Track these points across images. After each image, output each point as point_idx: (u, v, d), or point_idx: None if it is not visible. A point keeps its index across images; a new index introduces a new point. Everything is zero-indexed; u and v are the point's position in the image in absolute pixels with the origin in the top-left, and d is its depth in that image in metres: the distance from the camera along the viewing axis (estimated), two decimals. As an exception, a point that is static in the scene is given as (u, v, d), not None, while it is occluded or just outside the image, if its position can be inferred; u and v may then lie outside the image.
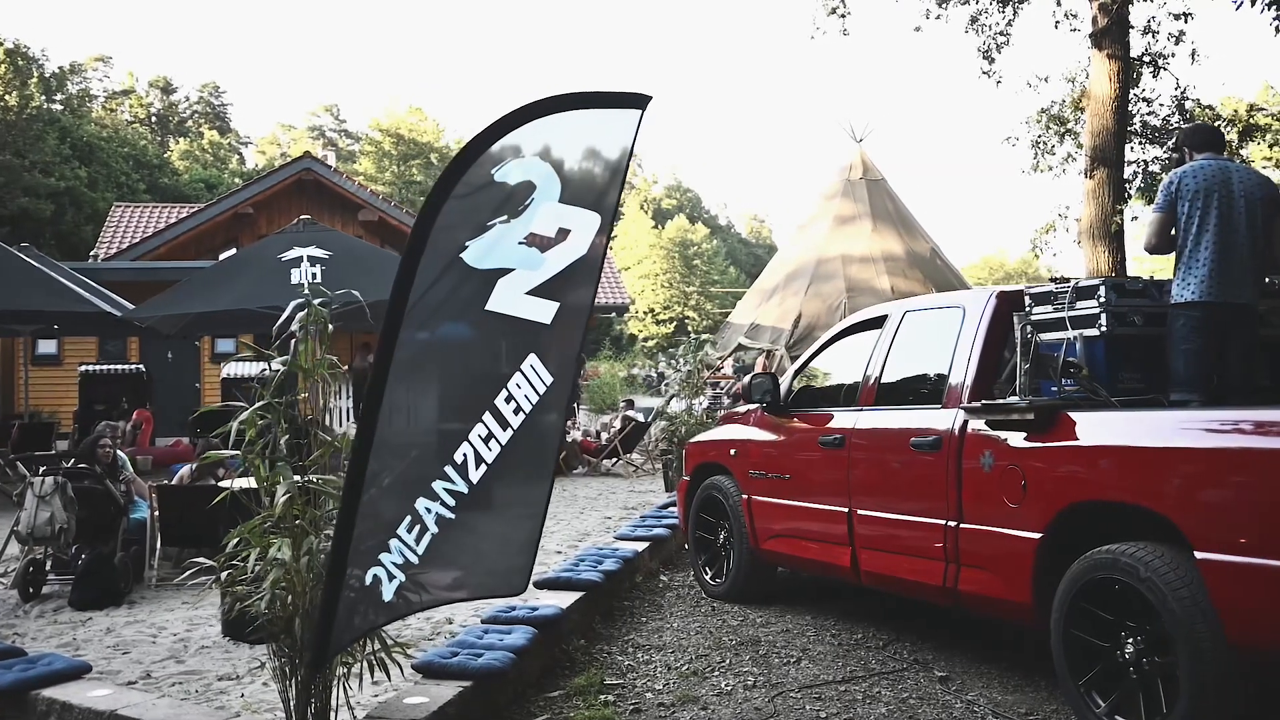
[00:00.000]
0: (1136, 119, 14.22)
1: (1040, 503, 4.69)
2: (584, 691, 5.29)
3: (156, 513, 7.95)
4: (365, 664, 4.24)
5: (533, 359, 3.86)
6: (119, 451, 8.81)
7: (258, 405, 4.28)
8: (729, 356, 19.51)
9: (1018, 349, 5.02)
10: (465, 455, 3.80)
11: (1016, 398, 4.94)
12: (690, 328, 65.44)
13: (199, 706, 4.89)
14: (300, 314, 4.29)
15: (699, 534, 7.49)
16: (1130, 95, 13.63)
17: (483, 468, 3.83)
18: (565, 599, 6.23)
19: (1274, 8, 9.29)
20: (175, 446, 16.37)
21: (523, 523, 3.99)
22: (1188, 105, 14.42)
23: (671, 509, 9.81)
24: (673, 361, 17.13)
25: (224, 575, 4.28)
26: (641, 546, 8.03)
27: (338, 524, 3.72)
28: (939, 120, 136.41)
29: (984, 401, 5.05)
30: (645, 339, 66.15)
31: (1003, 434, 4.95)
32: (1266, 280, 5.41)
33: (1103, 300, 4.90)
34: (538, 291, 3.83)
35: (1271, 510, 3.80)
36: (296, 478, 4.16)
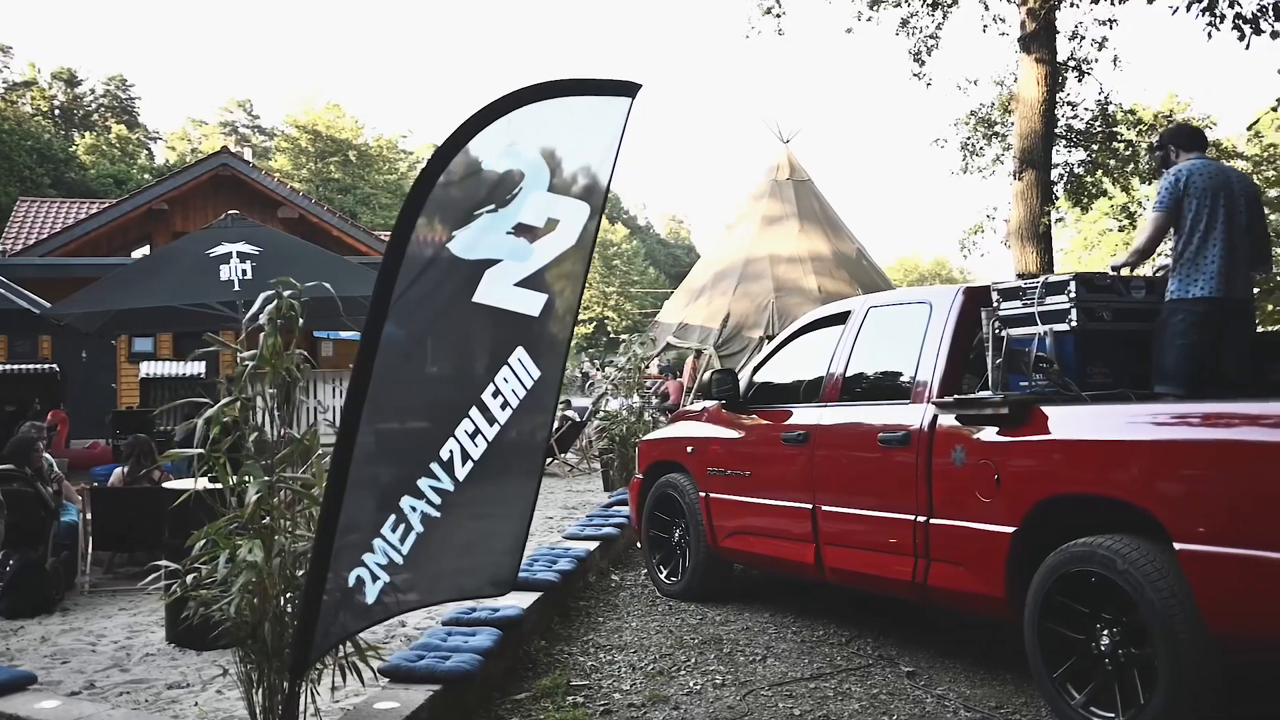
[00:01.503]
0: (1061, 122, 14.52)
1: (1014, 497, 4.71)
2: (551, 693, 5.19)
3: (88, 516, 7.65)
4: (337, 668, 4.11)
5: (520, 352, 3.76)
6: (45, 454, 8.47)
7: (225, 401, 4.11)
8: (656, 356, 19.52)
9: (988, 344, 5.04)
10: (452, 452, 3.69)
11: (988, 392, 4.96)
12: (610, 328, 65.40)
13: (155, 717, 4.69)
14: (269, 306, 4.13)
15: (653, 532, 7.42)
16: (1056, 99, 13.92)
17: (469, 464, 3.71)
18: (524, 599, 6.11)
19: (1207, 13, 9.53)
20: (92, 449, 15.82)
21: (510, 521, 3.88)
22: (1110, 110, 14.78)
23: (618, 508, 9.74)
24: (595, 361, 17.09)
25: (189, 579, 4.09)
26: (593, 546, 7.94)
27: (320, 524, 3.58)
28: (863, 122, 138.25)
29: (957, 396, 5.06)
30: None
31: (974, 429, 4.97)
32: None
33: (1073, 295, 4.95)
34: (526, 283, 3.73)
35: (1250, 501, 3.86)
36: (266, 477, 4.01)
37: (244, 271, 10.78)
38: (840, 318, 6.25)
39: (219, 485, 4.18)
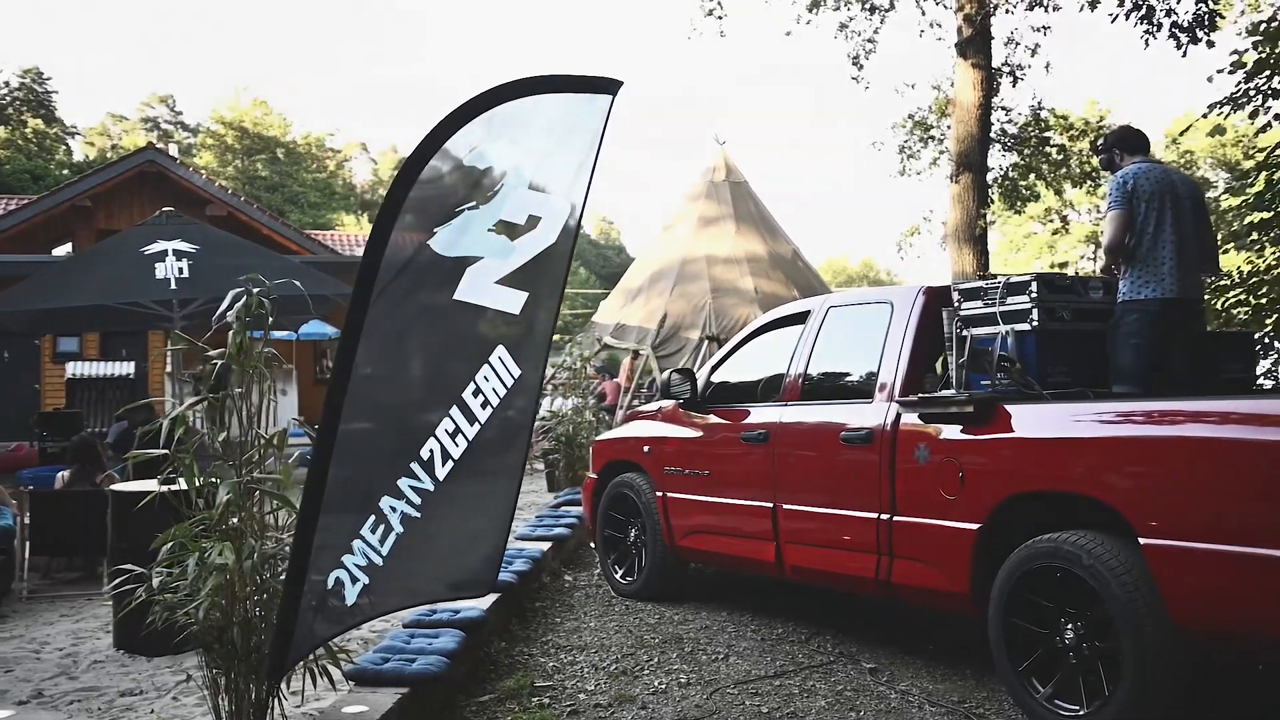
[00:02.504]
0: (996, 126, 14.80)
1: (979, 494, 4.78)
2: (516, 694, 5.15)
3: (25, 520, 7.43)
4: (306, 672, 4.03)
5: (501, 351, 3.73)
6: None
7: (191, 401, 4.02)
8: (593, 357, 19.50)
9: (951, 344, 5.11)
10: (432, 451, 3.65)
11: (951, 391, 5.03)
12: (541, 329, 65.01)
13: (113, 725, 4.57)
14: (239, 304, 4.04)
15: (608, 532, 7.40)
16: (992, 104, 14.19)
17: (450, 464, 3.67)
18: (483, 601, 6.05)
19: (1144, 21, 9.79)
20: (16, 451, 15.35)
21: (491, 520, 3.84)
22: (1043, 115, 15.09)
23: (567, 508, 9.72)
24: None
25: (156, 582, 3.99)
26: (545, 546, 7.91)
27: (298, 525, 3.52)
28: (797, 122, 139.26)
29: (921, 395, 5.12)
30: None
31: (938, 427, 5.03)
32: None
33: (1034, 295, 5.04)
34: (507, 281, 3.70)
35: (1213, 496, 3.96)
36: (236, 477, 3.93)
37: (180, 270, 10.56)
38: (799, 318, 6.29)
39: (175, 487, 4.10)
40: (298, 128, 54.88)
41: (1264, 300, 10.55)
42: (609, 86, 3.76)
